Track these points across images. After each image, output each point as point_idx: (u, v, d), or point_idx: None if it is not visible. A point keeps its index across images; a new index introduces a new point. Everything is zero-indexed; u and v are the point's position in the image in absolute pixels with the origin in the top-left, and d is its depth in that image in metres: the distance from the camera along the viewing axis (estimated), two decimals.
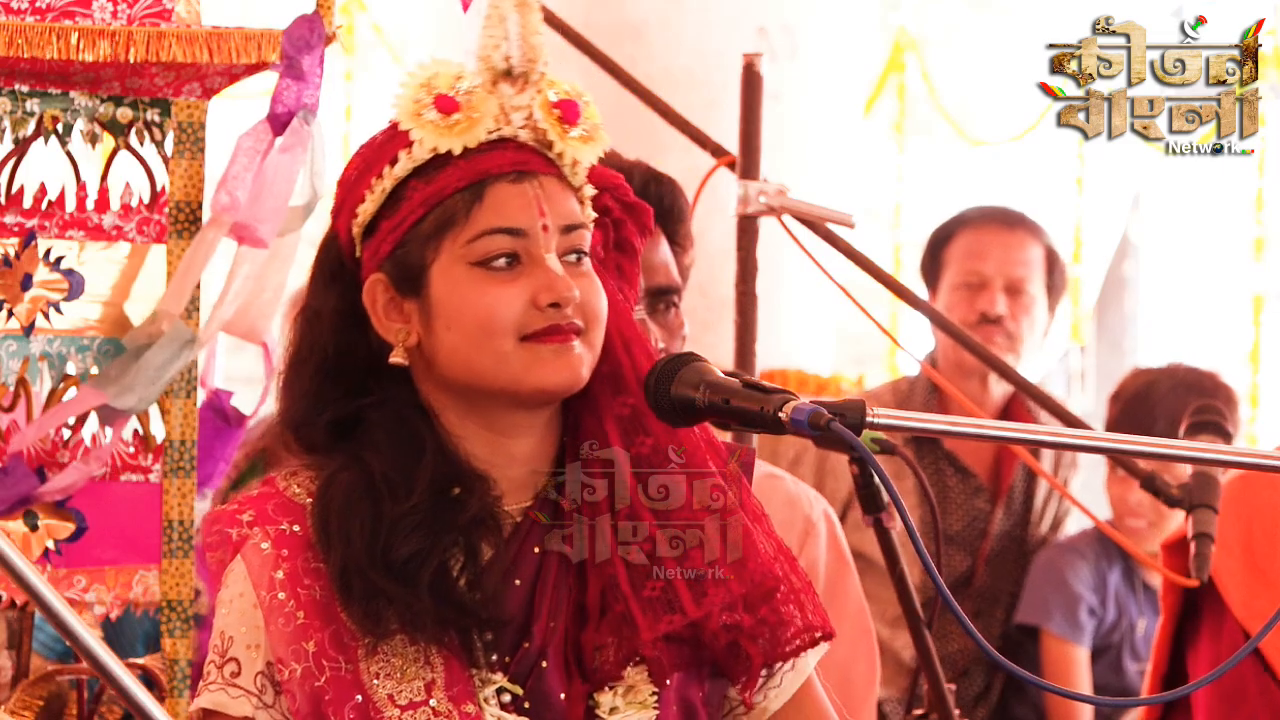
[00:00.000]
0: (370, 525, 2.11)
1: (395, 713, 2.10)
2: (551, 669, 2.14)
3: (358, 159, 2.21)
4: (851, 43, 5.58)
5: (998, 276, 4.60)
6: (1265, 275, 6.56)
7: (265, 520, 2.17)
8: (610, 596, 2.14)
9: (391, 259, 2.17)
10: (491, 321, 2.12)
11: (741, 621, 2.16)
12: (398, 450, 2.14)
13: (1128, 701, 4.61)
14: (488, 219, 2.14)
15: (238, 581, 2.16)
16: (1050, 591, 4.58)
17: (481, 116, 2.16)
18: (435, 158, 2.15)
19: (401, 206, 2.16)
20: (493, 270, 2.13)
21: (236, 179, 3.01)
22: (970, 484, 4.57)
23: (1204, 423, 3.30)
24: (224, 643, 2.15)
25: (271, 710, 2.13)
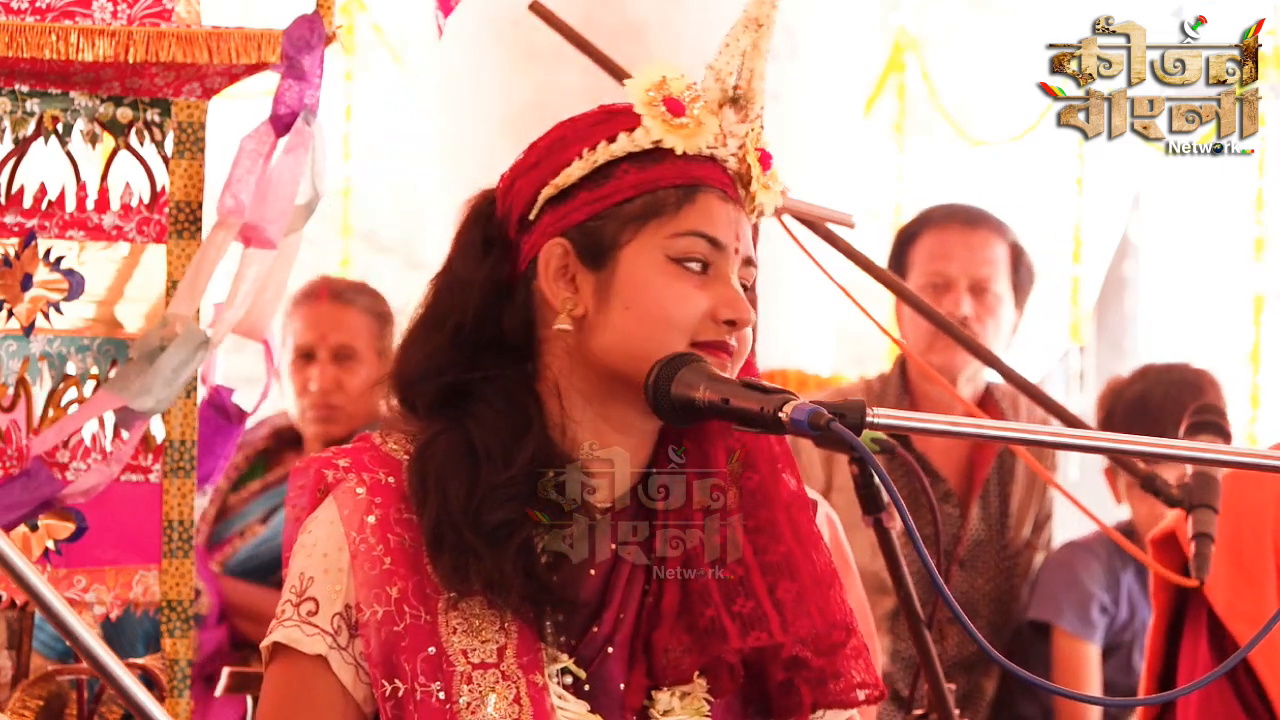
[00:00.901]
0: (467, 487, 2.14)
1: (466, 668, 2.12)
2: (616, 657, 2.17)
3: (562, 129, 2.22)
4: (851, 43, 5.58)
5: (962, 277, 4.57)
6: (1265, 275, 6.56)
7: (361, 468, 2.19)
8: (697, 601, 2.17)
9: (581, 229, 2.19)
10: (674, 315, 2.17)
11: (810, 661, 2.20)
12: (503, 424, 2.17)
13: (1126, 701, 4.61)
14: (696, 221, 2.18)
15: (325, 524, 2.18)
16: (1063, 589, 4.58)
17: (704, 129, 2.20)
18: (654, 151, 2.19)
19: (608, 183, 2.18)
20: (686, 269, 2.18)
21: (241, 181, 3.01)
22: (939, 489, 4.56)
23: (1204, 423, 3.30)
24: (303, 582, 2.17)
25: (344, 652, 2.15)
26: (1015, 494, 4.63)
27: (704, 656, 2.17)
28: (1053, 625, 4.59)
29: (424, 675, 2.12)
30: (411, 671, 2.11)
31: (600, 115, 2.22)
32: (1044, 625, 4.62)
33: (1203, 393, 4.51)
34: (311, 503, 2.21)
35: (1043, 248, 4.88)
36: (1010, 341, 4.65)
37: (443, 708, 2.11)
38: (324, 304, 4.81)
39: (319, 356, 4.78)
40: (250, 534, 4.81)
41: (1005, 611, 4.65)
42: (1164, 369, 4.68)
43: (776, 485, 2.23)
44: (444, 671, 2.12)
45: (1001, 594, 4.63)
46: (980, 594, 4.60)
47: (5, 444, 3.02)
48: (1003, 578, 4.63)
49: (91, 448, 3.08)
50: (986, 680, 4.64)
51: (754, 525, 2.21)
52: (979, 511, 4.59)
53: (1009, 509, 4.63)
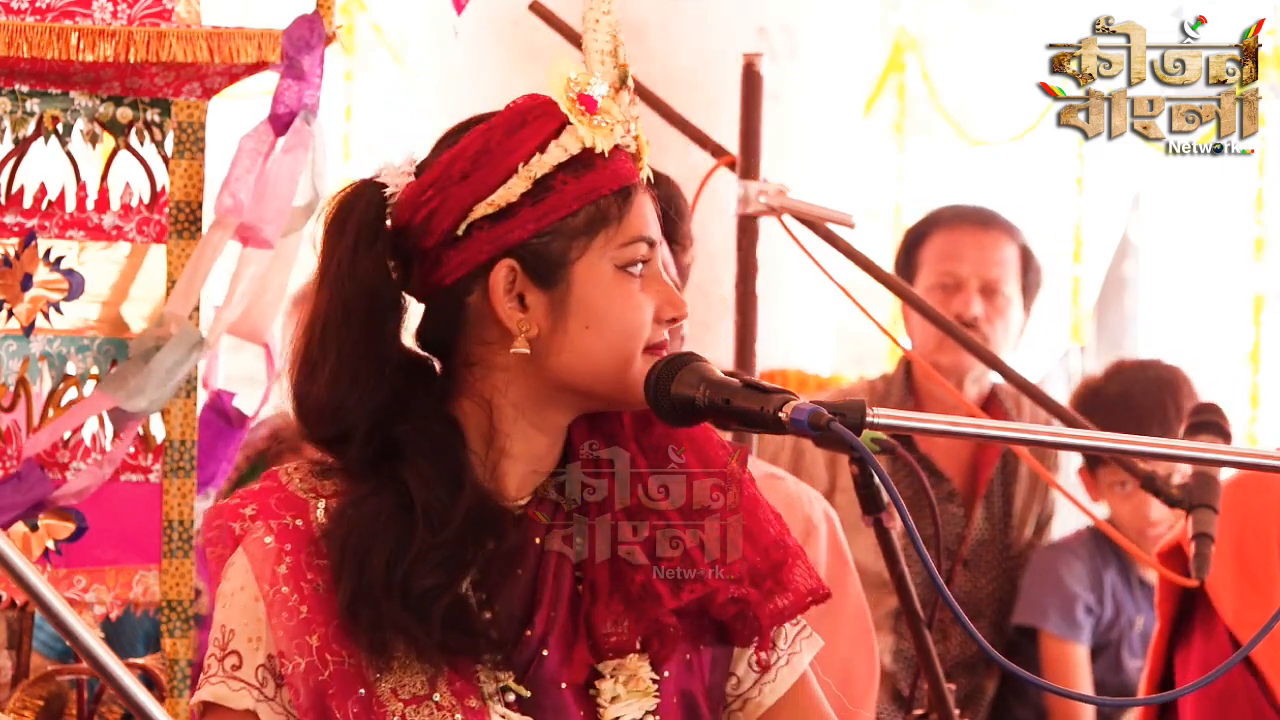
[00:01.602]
0: (393, 553, 2.09)
1: (399, 707, 2.10)
2: (552, 657, 2.15)
3: (481, 138, 2.16)
4: (851, 43, 5.58)
5: (973, 278, 4.57)
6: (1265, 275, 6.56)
7: (268, 514, 2.15)
8: (626, 570, 2.15)
9: (526, 247, 2.13)
10: (635, 328, 2.14)
11: (749, 595, 2.17)
12: (438, 478, 2.12)
13: (1126, 701, 4.61)
14: (636, 226, 2.15)
15: (239, 575, 2.15)
16: (1046, 592, 4.58)
17: (614, 122, 2.16)
18: (582, 155, 2.14)
19: (549, 197, 2.13)
20: (631, 275, 2.15)
21: (239, 181, 3.01)
22: (943, 488, 4.56)
23: (1204, 423, 3.30)
24: (225, 636, 2.15)
25: (273, 703, 2.13)
26: (1018, 494, 4.63)
27: (641, 623, 2.14)
28: (1039, 629, 4.59)
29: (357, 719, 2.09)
30: (344, 717, 2.09)
31: (517, 118, 2.17)
32: (1030, 629, 4.62)
33: (1177, 390, 4.51)
34: (232, 544, 2.17)
35: (1043, 248, 4.86)
36: (1018, 343, 4.65)
37: None
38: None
39: None
40: None
41: (1009, 612, 4.64)
42: (1139, 367, 4.68)
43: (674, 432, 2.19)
44: (376, 712, 2.09)
45: (1005, 594, 4.63)
46: (984, 594, 4.60)
47: (5, 444, 3.02)
48: (1006, 578, 4.63)
49: (92, 448, 3.08)
50: (988, 681, 4.64)
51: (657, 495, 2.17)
52: (983, 511, 4.59)
53: (1012, 509, 4.63)
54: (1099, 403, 4.54)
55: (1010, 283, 4.59)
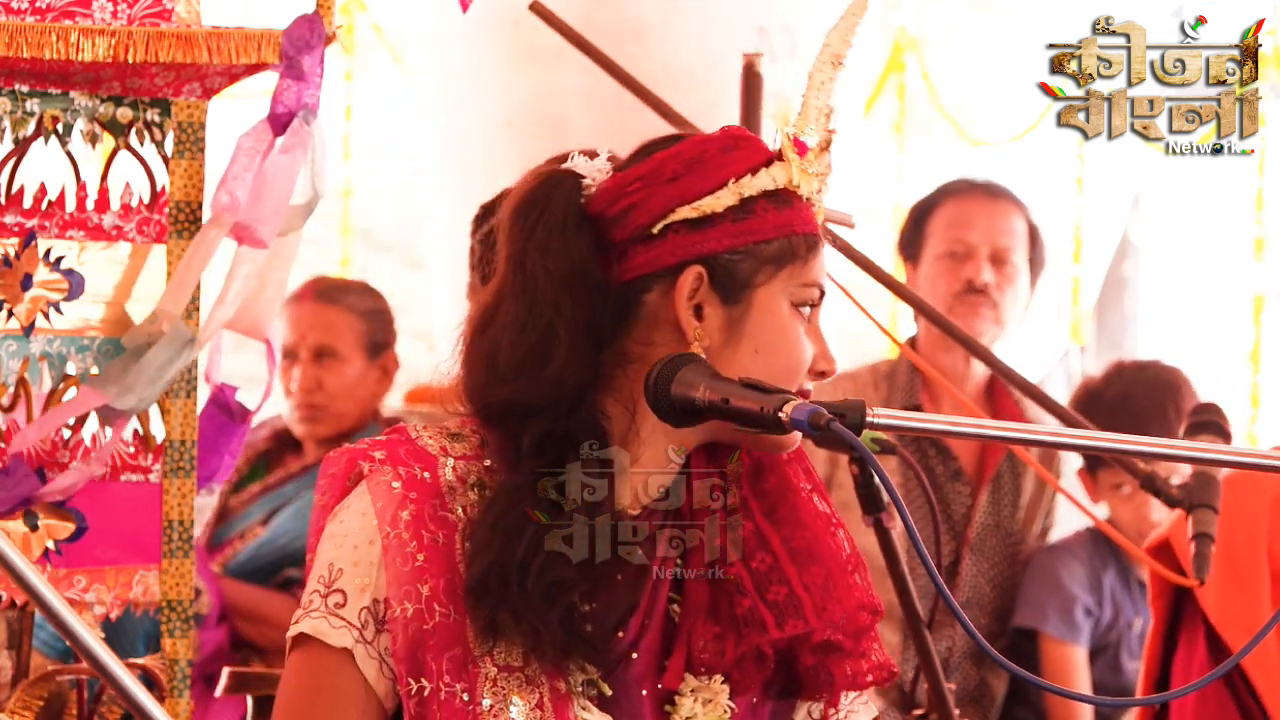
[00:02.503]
0: (532, 543, 2.12)
1: (492, 670, 2.11)
2: (640, 662, 2.18)
3: (695, 148, 2.20)
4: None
5: (983, 245, 4.58)
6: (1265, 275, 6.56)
7: (397, 461, 2.17)
8: (731, 592, 2.18)
9: (718, 259, 2.18)
10: (798, 365, 2.20)
11: (842, 644, 2.22)
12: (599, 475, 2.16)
13: (1126, 701, 4.61)
14: (817, 272, 2.22)
15: (357, 516, 2.16)
16: (1045, 594, 4.58)
17: (814, 174, 2.23)
18: (784, 191, 2.21)
19: (751, 219, 2.19)
20: (800, 316, 2.21)
21: (236, 179, 3.02)
22: (950, 466, 4.57)
23: (1204, 423, 3.30)
24: (331, 573, 2.15)
25: (370, 646, 2.14)
26: (1027, 486, 4.63)
27: (741, 645, 2.18)
28: (1038, 631, 4.59)
29: (449, 675, 2.11)
30: (437, 671, 2.11)
31: (729, 140, 2.22)
32: (1030, 631, 4.62)
33: (1177, 391, 4.51)
34: (341, 491, 2.18)
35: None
36: (1024, 317, 4.65)
37: (466, 709, 2.11)
38: (306, 304, 4.80)
39: (300, 357, 4.78)
40: (250, 536, 4.81)
41: (1010, 601, 4.65)
42: (1138, 368, 4.68)
43: (791, 479, 2.24)
44: (469, 673, 2.11)
45: (1006, 582, 4.63)
46: (986, 579, 4.60)
47: (5, 444, 3.02)
48: (1007, 566, 4.62)
49: (91, 448, 3.08)
50: (995, 680, 4.63)
51: (778, 517, 2.21)
52: (989, 496, 4.59)
53: (1020, 501, 4.63)
54: (1098, 404, 4.54)
55: (1019, 253, 4.60)
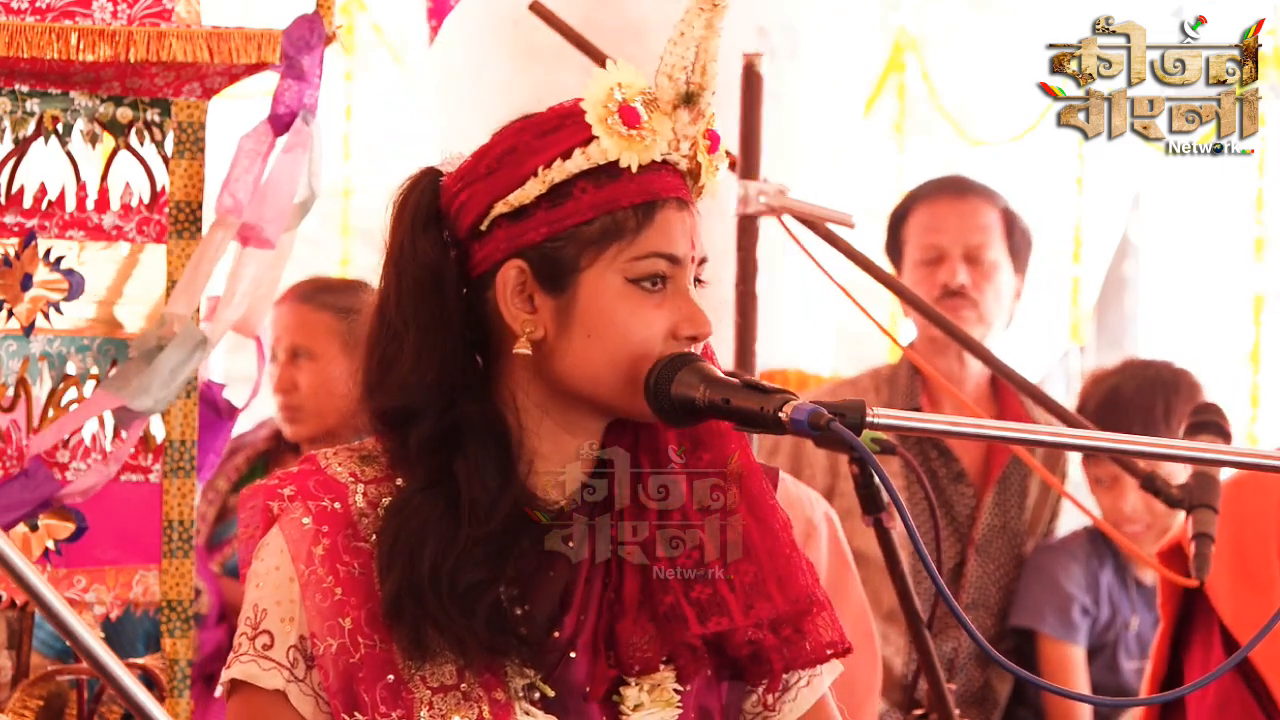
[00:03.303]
0: (442, 547, 2.11)
1: (426, 694, 2.11)
2: (579, 660, 2.16)
3: (515, 135, 2.17)
4: (851, 43, 5.58)
5: (955, 246, 4.56)
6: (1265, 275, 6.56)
7: (306, 495, 2.16)
8: (656, 590, 2.16)
9: (539, 250, 2.15)
10: (637, 341, 2.14)
11: (764, 640, 2.19)
12: (492, 471, 2.14)
13: (1126, 702, 4.60)
14: (655, 240, 2.15)
15: (274, 554, 2.16)
16: (1043, 594, 4.58)
17: (658, 137, 2.16)
18: (609, 166, 2.15)
19: (566, 203, 2.14)
20: (644, 290, 2.15)
21: (239, 180, 3.02)
22: (952, 468, 4.56)
23: (1204, 423, 3.30)
24: (257, 615, 2.15)
25: (302, 684, 2.14)
26: (1033, 488, 4.63)
27: (667, 644, 2.16)
28: (1036, 631, 4.59)
29: (384, 704, 2.10)
30: (371, 701, 2.10)
31: (553, 121, 2.17)
32: (1028, 631, 4.62)
33: (1173, 392, 4.51)
34: (266, 525, 2.18)
35: (1043, 248, 4.86)
36: (1014, 310, 4.64)
37: None
38: (285, 305, 4.80)
39: (279, 357, 4.78)
40: None
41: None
42: (1142, 365, 4.68)
43: (725, 460, 2.20)
44: (403, 699, 2.10)
45: (1012, 583, 4.63)
46: (991, 580, 4.60)
47: (5, 444, 3.02)
48: (1013, 566, 4.62)
49: (92, 447, 3.08)
50: (999, 681, 4.63)
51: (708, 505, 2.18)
52: (995, 497, 4.58)
53: (1026, 502, 4.62)
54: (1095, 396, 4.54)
55: (994, 248, 4.58)
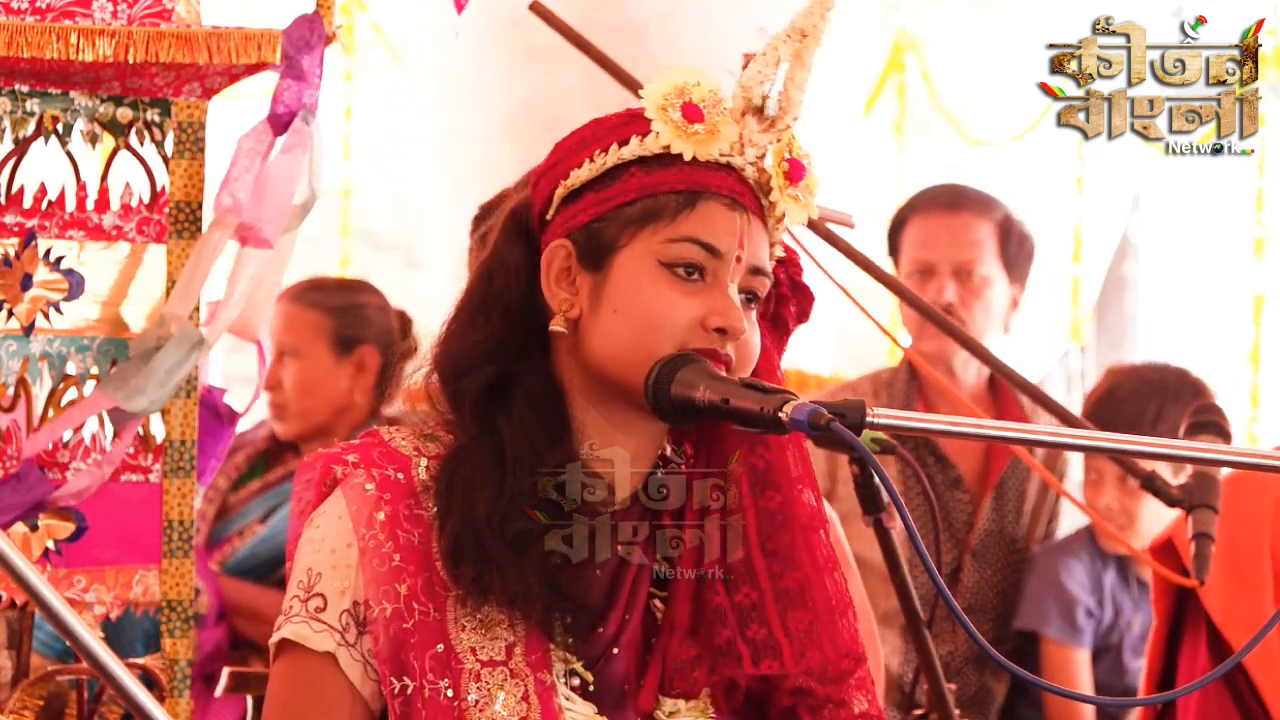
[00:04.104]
0: (495, 494, 2.14)
1: (475, 665, 2.12)
2: (620, 658, 2.18)
3: (586, 130, 2.23)
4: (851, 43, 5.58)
5: (944, 262, 4.56)
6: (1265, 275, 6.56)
7: (370, 463, 2.19)
8: (714, 621, 2.18)
9: (585, 230, 2.19)
10: (661, 322, 2.16)
11: (815, 690, 2.20)
12: (537, 429, 2.17)
13: (1126, 701, 4.60)
14: (693, 227, 2.17)
15: (334, 519, 2.18)
16: (1047, 596, 4.58)
17: (720, 136, 2.19)
18: (662, 155, 2.19)
19: (615, 185, 2.19)
20: (677, 276, 2.17)
21: (238, 180, 3.01)
22: (949, 474, 4.56)
23: (1204, 423, 3.30)
24: (310, 578, 2.16)
25: (352, 649, 2.15)
26: (1031, 492, 4.63)
27: (715, 675, 2.18)
28: (1040, 634, 4.59)
29: (432, 672, 2.12)
30: (420, 669, 2.11)
31: (625, 118, 2.22)
32: (1030, 633, 4.62)
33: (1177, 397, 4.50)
34: (318, 497, 2.21)
35: (1043, 248, 4.86)
36: (1010, 319, 4.64)
37: (451, 705, 2.11)
38: (278, 303, 4.81)
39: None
40: (249, 533, 4.81)
41: (1014, 606, 4.64)
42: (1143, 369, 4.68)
43: (796, 506, 2.22)
44: (452, 669, 2.12)
45: (1010, 587, 4.63)
46: (989, 586, 4.60)
47: (5, 444, 3.02)
48: (1011, 571, 4.62)
49: (91, 447, 3.08)
50: (996, 683, 4.63)
51: (772, 549, 2.20)
52: (993, 502, 4.58)
53: (1024, 506, 4.62)
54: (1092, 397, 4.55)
55: (986, 263, 4.57)
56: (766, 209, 2.23)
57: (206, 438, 3.18)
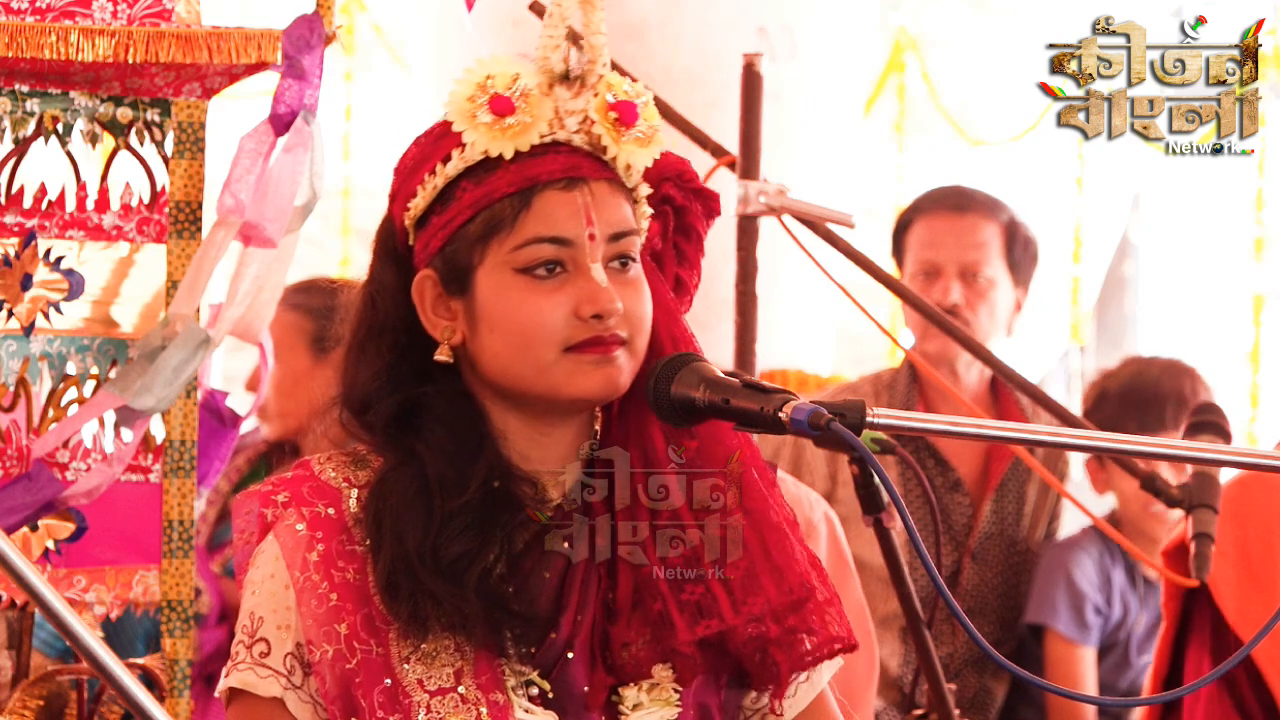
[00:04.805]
0: (423, 522, 2.12)
1: (424, 697, 2.11)
2: (576, 661, 2.16)
3: (414, 150, 2.20)
4: (851, 43, 5.58)
5: (950, 264, 4.56)
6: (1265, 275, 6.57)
7: (300, 501, 2.18)
8: (647, 594, 2.16)
9: (441, 256, 2.17)
10: (534, 331, 2.13)
11: (768, 632, 2.17)
12: (454, 446, 2.15)
13: (1127, 701, 4.61)
14: (534, 227, 2.14)
15: (269, 561, 2.17)
16: (1057, 591, 4.57)
17: (535, 120, 2.15)
18: (486, 159, 2.15)
19: (451, 205, 2.16)
20: (537, 278, 2.14)
21: (240, 181, 3.01)
22: (949, 477, 4.56)
23: (1204, 423, 3.30)
24: (253, 623, 2.16)
25: (300, 691, 2.14)
26: (1031, 494, 4.62)
27: (659, 650, 2.16)
28: (1047, 628, 4.58)
29: (382, 709, 2.10)
30: (370, 706, 2.10)
31: (442, 128, 2.18)
32: (1037, 628, 4.61)
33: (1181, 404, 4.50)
34: (262, 530, 2.19)
35: (1043, 248, 4.86)
36: (1014, 322, 4.64)
37: None
38: None
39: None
40: None
41: (1014, 608, 4.64)
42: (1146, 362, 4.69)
43: (715, 447, 2.19)
44: (401, 704, 2.11)
45: (1010, 590, 4.63)
46: (990, 587, 4.60)
47: (5, 444, 3.02)
48: (1012, 573, 4.62)
49: (92, 448, 3.08)
50: (996, 684, 4.63)
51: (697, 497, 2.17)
52: (992, 505, 4.58)
53: (1024, 508, 4.62)
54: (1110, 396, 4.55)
55: (992, 264, 4.57)
56: (610, 164, 2.18)
57: (209, 440, 3.18)
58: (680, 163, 2.28)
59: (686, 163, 2.29)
